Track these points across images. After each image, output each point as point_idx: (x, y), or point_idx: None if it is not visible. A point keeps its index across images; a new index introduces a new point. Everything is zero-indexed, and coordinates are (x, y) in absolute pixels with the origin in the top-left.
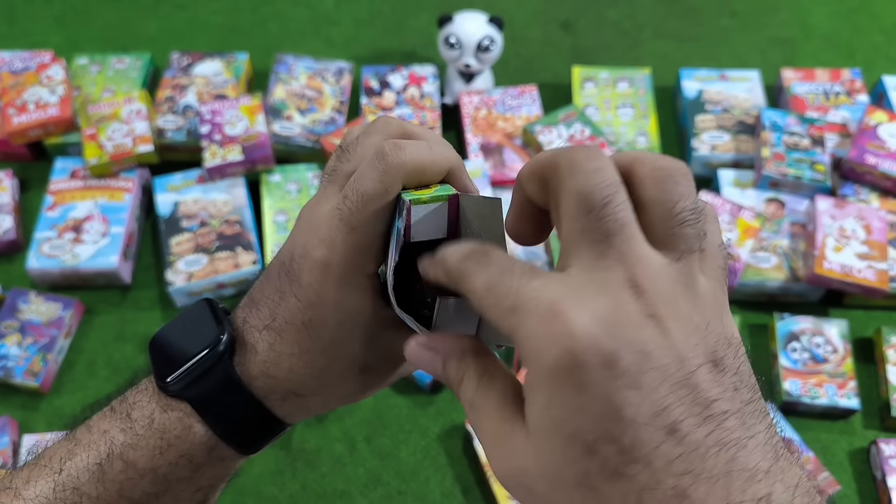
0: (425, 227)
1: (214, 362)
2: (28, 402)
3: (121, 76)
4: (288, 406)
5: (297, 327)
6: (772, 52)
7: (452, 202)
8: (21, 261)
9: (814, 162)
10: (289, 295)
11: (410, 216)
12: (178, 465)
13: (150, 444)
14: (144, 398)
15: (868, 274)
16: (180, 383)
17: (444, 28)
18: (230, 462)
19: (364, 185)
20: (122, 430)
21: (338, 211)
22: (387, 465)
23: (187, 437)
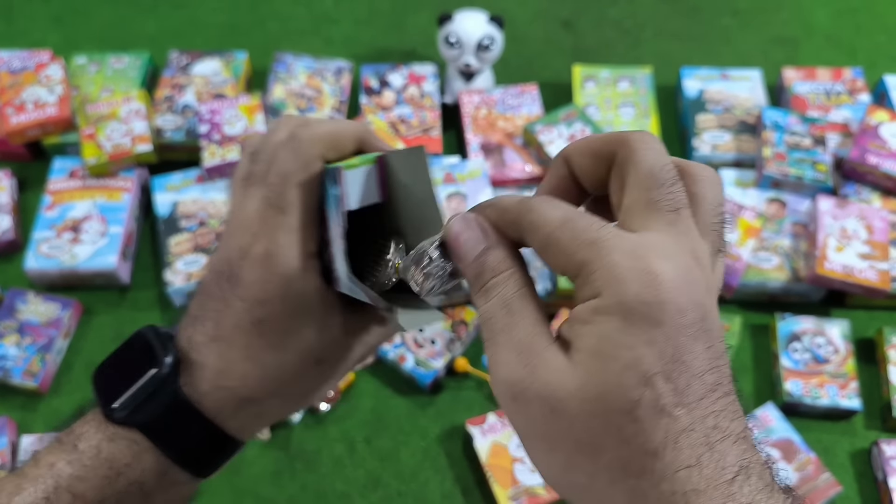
0: (361, 193)
1: (159, 385)
2: (27, 402)
3: (119, 75)
4: (242, 416)
5: (246, 330)
6: (773, 51)
7: (380, 162)
8: (19, 261)
9: (815, 162)
10: (233, 300)
11: (344, 183)
12: (128, 494)
13: (98, 475)
14: (91, 428)
15: (870, 274)
16: (126, 409)
17: (443, 27)
18: (184, 487)
19: (283, 165)
20: (69, 462)
21: (265, 199)
22: (387, 467)
23: (137, 464)
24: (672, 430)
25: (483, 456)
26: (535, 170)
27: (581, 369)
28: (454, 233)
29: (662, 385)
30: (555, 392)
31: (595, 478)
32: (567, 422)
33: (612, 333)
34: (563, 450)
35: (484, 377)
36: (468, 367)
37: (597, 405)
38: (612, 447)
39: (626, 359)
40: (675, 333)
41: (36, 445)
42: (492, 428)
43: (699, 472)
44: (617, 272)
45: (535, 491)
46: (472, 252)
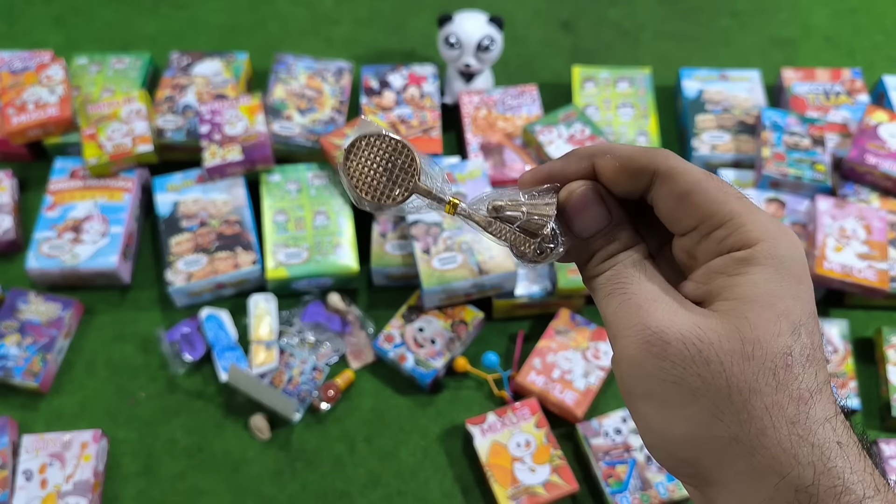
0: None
1: None
2: (27, 402)
3: (120, 76)
4: None
5: None
6: (772, 51)
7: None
8: (20, 261)
9: (814, 162)
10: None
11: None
12: None
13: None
14: None
15: (868, 274)
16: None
17: (443, 28)
18: None
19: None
20: None
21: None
22: (387, 466)
23: None
24: (820, 379)
25: (483, 455)
26: None
27: (732, 314)
28: (576, 206)
29: (806, 337)
30: (703, 334)
31: (745, 426)
32: (717, 365)
33: (765, 283)
34: (708, 397)
35: (483, 377)
36: (468, 367)
37: (752, 348)
38: (767, 391)
39: (779, 308)
40: (810, 293)
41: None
42: (491, 427)
43: (840, 423)
44: (770, 227)
45: (535, 490)
46: (594, 226)
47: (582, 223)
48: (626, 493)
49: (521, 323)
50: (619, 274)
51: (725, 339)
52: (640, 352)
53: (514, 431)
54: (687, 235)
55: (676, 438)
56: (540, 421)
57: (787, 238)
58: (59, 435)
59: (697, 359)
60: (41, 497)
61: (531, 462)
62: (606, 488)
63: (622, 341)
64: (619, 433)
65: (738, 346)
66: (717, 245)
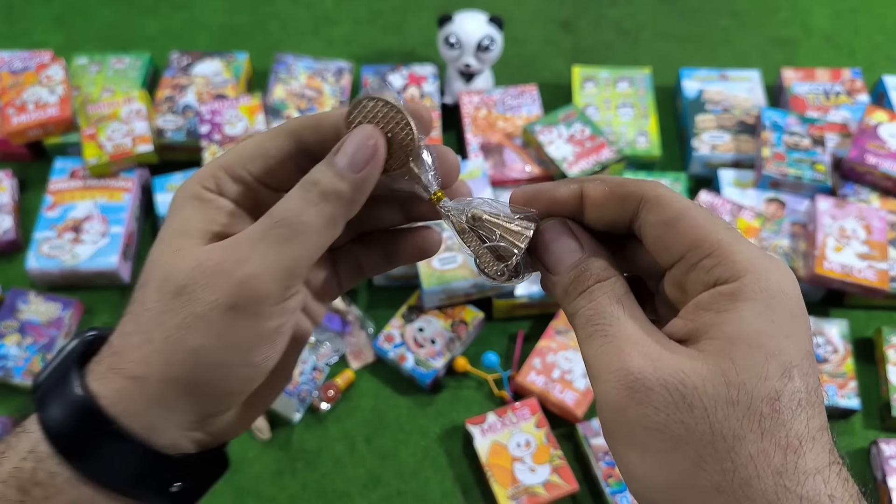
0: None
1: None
2: (27, 402)
3: (120, 76)
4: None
5: None
6: (772, 51)
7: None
8: (20, 261)
9: (814, 162)
10: None
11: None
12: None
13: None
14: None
15: (868, 274)
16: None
17: (443, 28)
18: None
19: None
20: None
21: None
22: (387, 466)
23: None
24: (813, 426)
25: (483, 455)
26: (534, 170)
27: (717, 356)
28: (545, 241)
29: (798, 380)
30: (686, 378)
31: (728, 476)
32: (701, 410)
33: (754, 320)
34: (691, 444)
35: (483, 377)
36: (468, 367)
37: (737, 392)
38: (751, 439)
39: (769, 347)
40: (806, 331)
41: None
42: (491, 427)
43: (834, 475)
44: (759, 258)
45: (535, 490)
46: (566, 261)
47: (551, 258)
48: (626, 492)
49: (521, 323)
50: (597, 314)
51: (710, 383)
52: (621, 397)
53: (514, 431)
54: (675, 266)
55: (659, 486)
56: (540, 421)
57: (779, 270)
58: None
59: (681, 404)
60: None
61: (531, 462)
62: (606, 488)
63: (603, 385)
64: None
65: (722, 391)
66: (704, 275)
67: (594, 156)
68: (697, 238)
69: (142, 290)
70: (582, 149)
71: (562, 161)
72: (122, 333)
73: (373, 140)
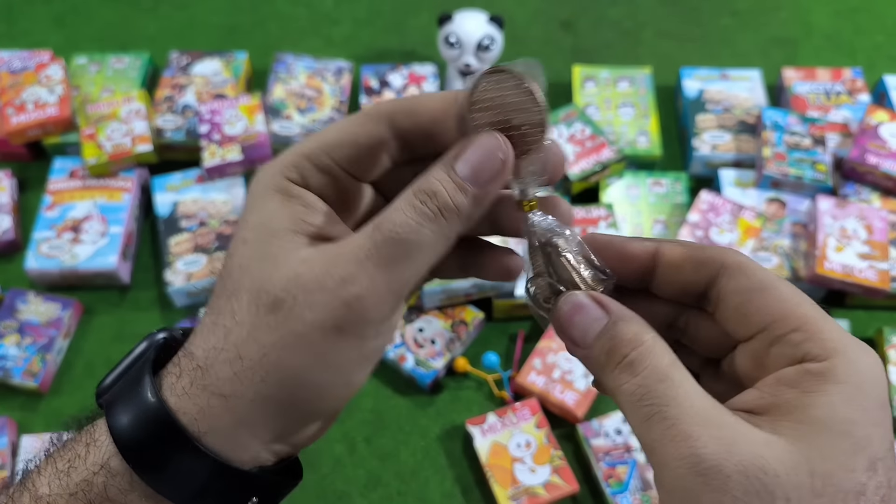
0: None
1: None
2: (27, 402)
3: (120, 76)
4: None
5: None
6: (773, 51)
7: None
8: (20, 261)
9: (815, 162)
10: None
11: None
12: None
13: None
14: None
15: (869, 274)
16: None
17: (443, 27)
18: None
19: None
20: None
21: None
22: (387, 466)
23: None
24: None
25: (483, 456)
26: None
27: (801, 442)
28: (566, 314)
29: (882, 474)
30: (767, 465)
31: None
32: (783, 501)
33: (843, 407)
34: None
35: (483, 377)
36: (468, 367)
37: (822, 483)
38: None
39: (858, 437)
40: (891, 420)
41: (36, 449)
42: (492, 428)
43: None
44: (849, 340)
45: (535, 491)
46: (592, 330)
47: (576, 332)
48: (626, 493)
49: (521, 323)
50: (649, 392)
51: (793, 471)
52: (694, 485)
53: (514, 432)
54: (755, 339)
55: None
56: (540, 421)
57: (868, 354)
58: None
59: (762, 493)
60: None
61: (531, 462)
62: (607, 489)
63: (670, 472)
64: (619, 434)
65: (805, 480)
66: (790, 350)
67: (594, 155)
68: (784, 311)
69: (230, 300)
70: (582, 148)
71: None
72: (208, 347)
73: (502, 154)
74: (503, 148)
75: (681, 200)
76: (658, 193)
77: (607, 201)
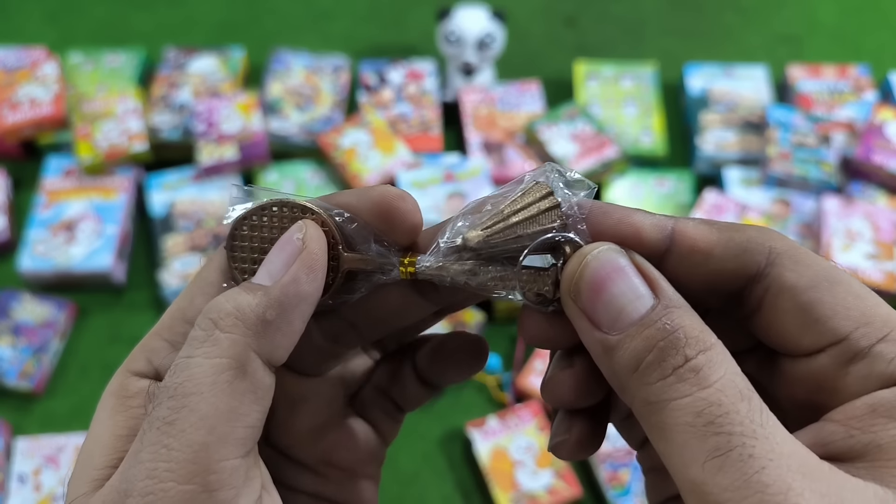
0: None
1: None
2: (21, 404)
3: (115, 73)
4: None
5: None
6: (778, 48)
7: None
8: (13, 261)
9: (820, 160)
10: None
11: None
12: None
13: None
14: None
15: (875, 274)
16: None
17: (443, 23)
18: None
19: None
20: None
21: None
22: (386, 470)
23: None
24: None
25: (483, 460)
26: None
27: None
28: (598, 277)
29: None
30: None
31: None
32: None
33: None
34: None
35: (484, 379)
36: None
37: None
38: None
39: None
40: None
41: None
42: (492, 431)
43: None
44: None
45: (536, 495)
46: (630, 312)
47: (603, 308)
48: (629, 497)
49: None
50: (727, 414)
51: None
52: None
53: (515, 435)
54: (822, 353)
55: None
56: (542, 424)
57: None
58: (53, 437)
59: None
60: (35, 500)
61: (533, 466)
62: (609, 492)
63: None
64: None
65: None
66: (884, 366)
67: (597, 154)
68: (866, 312)
69: None
70: (584, 147)
71: (563, 160)
72: None
73: (299, 232)
74: (300, 226)
75: (685, 199)
76: (662, 192)
77: (610, 200)
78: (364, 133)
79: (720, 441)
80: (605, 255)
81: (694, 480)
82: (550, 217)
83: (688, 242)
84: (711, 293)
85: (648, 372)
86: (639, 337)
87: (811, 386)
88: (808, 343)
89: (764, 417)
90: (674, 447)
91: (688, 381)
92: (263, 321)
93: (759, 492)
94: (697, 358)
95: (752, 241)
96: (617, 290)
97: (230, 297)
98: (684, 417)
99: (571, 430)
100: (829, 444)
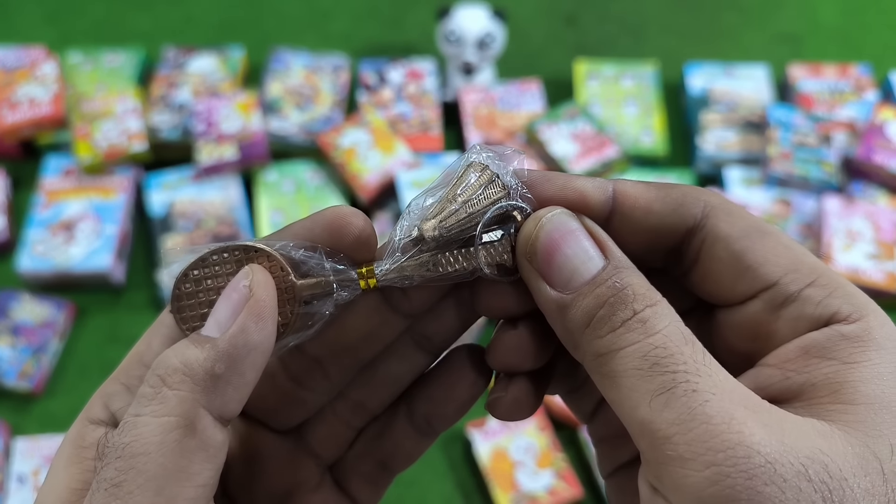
0: None
1: None
2: (20, 404)
3: (114, 73)
4: None
5: None
6: (778, 47)
7: None
8: (12, 261)
9: (821, 160)
10: None
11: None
12: None
13: None
14: None
15: (876, 275)
16: None
17: (443, 22)
18: None
19: None
20: None
21: None
22: None
23: None
24: None
25: (483, 460)
26: (535, 168)
27: (859, 430)
28: (551, 241)
29: None
30: (831, 463)
31: None
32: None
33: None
34: None
35: None
36: None
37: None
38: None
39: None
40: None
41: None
42: (493, 432)
43: None
44: (865, 298)
45: (536, 496)
46: (582, 272)
47: (557, 270)
48: None
49: None
50: (672, 355)
51: (860, 471)
52: (739, 491)
53: (515, 435)
54: (755, 300)
55: None
56: (542, 425)
57: (885, 315)
58: (52, 438)
59: (828, 501)
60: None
61: (533, 467)
62: None
63: (697, 472)
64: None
65: (878, 481)
66: (812, 309)
67: (597, 154)
68: (794, 260)
69: None
70: (585, 147)
71: (563, 159)
72: None
73: (245, 279)
74: (246, 273)
75: None
76: None
77: None
78: (364, 133)
79: (665, 380)
80: (557, 219)
81: (643, 420)
82: (494, 189)
83: (629, 201)
84: (653, 251)
85: (599, 326)
86: (590, 295)
87: (747, 334)
88: (742, 289)
89: (707, 359)
90: (623, 391)
91: (636, 331)
92: (212, 375)
93: (704, 423)
94: (644, 311)
95: (687, 195)
96: (570, 252)
97: (178, 352)
98: (632, 363)
99: (509, 389)
100: (767, 387)
